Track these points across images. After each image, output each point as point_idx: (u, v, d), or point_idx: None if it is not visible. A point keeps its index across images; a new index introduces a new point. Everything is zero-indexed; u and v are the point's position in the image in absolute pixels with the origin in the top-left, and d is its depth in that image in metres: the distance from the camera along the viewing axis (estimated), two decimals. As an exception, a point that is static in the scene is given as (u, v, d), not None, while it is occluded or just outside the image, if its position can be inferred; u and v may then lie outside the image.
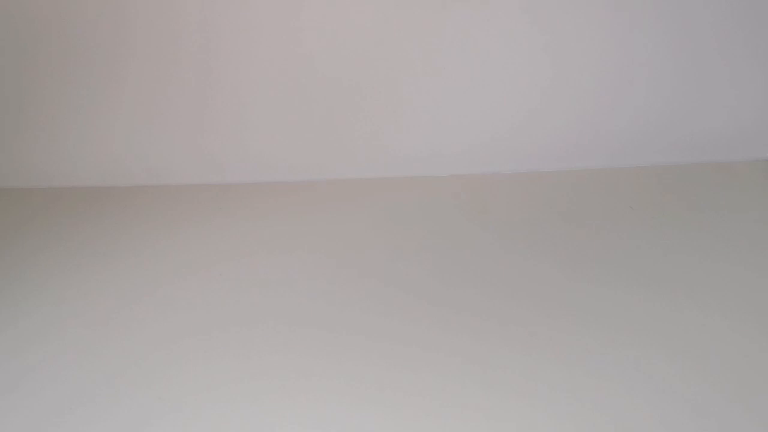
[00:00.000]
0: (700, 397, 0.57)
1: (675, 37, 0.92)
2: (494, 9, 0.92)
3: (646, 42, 0.92)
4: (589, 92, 0.95)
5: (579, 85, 0.95)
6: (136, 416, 0.60)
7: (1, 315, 0.73)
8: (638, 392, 0.58)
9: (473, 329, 0.66)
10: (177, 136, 0.98)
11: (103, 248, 0.85)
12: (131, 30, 0.96)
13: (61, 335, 0.70)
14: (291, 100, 0.97)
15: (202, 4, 0.93)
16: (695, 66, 0.93)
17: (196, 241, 0.85)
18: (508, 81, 0.95)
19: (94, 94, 0.99)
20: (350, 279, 0.74)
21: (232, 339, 0.68)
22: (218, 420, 0.57)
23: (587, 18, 0.92)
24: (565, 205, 0.87)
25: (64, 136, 1.01)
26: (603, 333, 0.65)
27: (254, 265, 0.80)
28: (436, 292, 0.71)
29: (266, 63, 0.96)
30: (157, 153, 0.98)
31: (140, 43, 0.96)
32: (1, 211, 0.92)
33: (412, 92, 0.96)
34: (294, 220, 0.88)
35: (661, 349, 0.63)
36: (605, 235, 0.80)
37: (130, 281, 0.78)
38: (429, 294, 0.71)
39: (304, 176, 0.97)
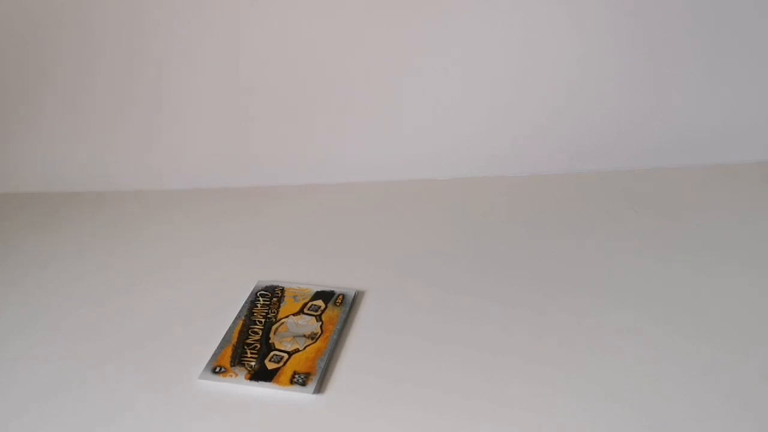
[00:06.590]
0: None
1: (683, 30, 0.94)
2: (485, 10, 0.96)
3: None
4: (595, 95, 0.97)
5: (589, 86, 0.97)
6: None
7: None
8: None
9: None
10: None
11: (69, 250, 0.87)
12: (96, 47, 1.01)
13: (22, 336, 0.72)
14: (284, 105, 1.01)
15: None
16: (690, 63, 0.95)
17: (162, 242, 0.88)
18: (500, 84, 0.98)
19: (63, 107, 1.04)
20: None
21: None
22: None
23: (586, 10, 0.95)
24: (567, 207, 0.89)
25: (31, 142, 1.05)
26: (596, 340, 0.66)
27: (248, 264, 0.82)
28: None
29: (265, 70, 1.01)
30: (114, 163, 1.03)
31: (105, 63, 1.01)
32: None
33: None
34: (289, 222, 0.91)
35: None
36: (606, 238, 0.82)
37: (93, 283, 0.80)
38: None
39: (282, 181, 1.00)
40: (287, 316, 0.71)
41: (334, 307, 0.72)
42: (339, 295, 0.74)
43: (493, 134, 0.99)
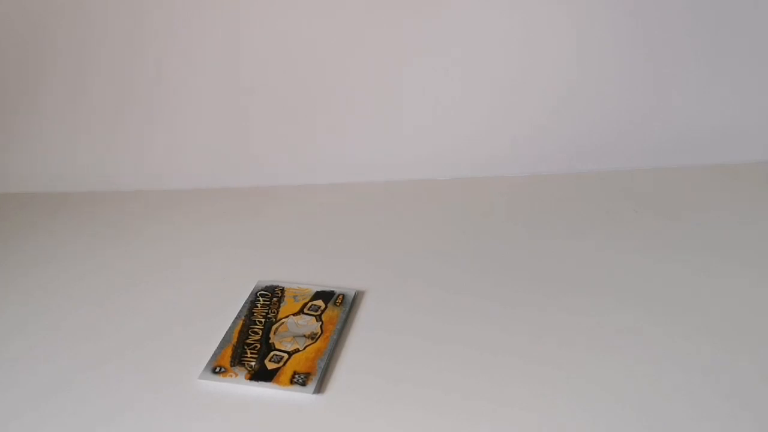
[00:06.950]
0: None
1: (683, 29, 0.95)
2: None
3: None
4: (595, 95, 0.97)
5: (589, 86, 0.97)
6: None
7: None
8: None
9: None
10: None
11: (66, 250, 0.87)
12: (96, 47, 1.01)
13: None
14: (282, 107, 1.02)
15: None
16: (688, 61, 0.96)
17: (162, 241, 0.88)
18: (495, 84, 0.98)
19: (62, 109, 1.04)
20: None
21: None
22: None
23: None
24: (567, 207, 0.89)
25: (29, 143, 1.05)
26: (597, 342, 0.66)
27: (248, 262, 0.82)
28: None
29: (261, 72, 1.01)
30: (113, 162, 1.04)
31: (104, 65, 1.02)
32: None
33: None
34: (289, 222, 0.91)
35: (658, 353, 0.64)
36: (606, 238, 0.82)
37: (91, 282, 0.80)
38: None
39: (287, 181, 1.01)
40: (287, 316, 0.71)
41: (334, 307, 0.72)
42: (339, 295, 0.74)
43: (493, 134, 1.00)
